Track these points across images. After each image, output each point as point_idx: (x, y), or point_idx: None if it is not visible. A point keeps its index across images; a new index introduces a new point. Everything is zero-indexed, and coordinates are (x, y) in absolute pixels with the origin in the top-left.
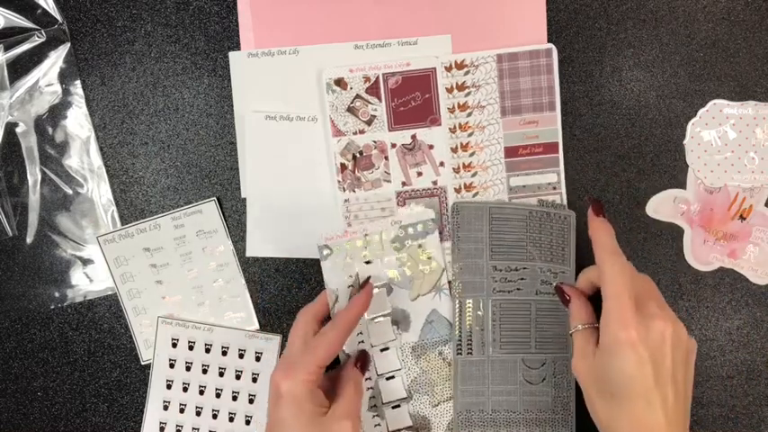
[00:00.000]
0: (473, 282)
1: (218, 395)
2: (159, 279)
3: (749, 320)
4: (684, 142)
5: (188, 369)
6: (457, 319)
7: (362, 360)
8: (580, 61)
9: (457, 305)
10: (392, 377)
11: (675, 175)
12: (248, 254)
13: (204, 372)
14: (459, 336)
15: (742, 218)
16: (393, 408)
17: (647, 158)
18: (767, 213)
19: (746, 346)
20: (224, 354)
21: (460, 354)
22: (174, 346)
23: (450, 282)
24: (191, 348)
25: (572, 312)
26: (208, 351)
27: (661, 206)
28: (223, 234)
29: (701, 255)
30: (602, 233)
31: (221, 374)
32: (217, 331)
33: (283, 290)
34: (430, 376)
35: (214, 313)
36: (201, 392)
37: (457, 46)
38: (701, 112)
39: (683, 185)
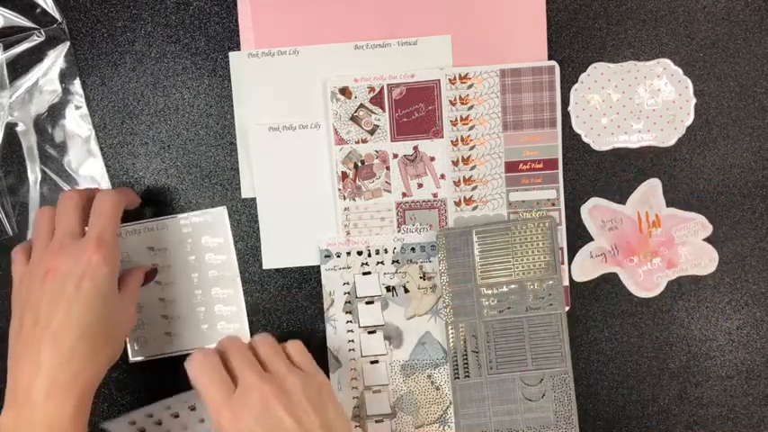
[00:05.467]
0: (464, 306)
1: None
2: (158, 280)
3: (749, 320)
4: (569, 109)
5: None
6: (451, 344)
7: (150, 274)
8: (580, 61)
9: (450, 330)
10: (378, 391)
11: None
12: (265, 266)
13: None
14: (455, 360)
15: (656, 228)
16: (376, 422)
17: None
18: (674, 212)
19: (746, 346)
20: None
21: (458, 378)
22: None
23: (444, 307)
24: None
25: None
26: None
27: (584, 266)
28: (230, 242)
29: (647, 282)
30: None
31: None
32: None
33: (283, 290)
34: (416, 397)
35: (208, 320)
36: None
37: (457, 47)
38: (582, 76)
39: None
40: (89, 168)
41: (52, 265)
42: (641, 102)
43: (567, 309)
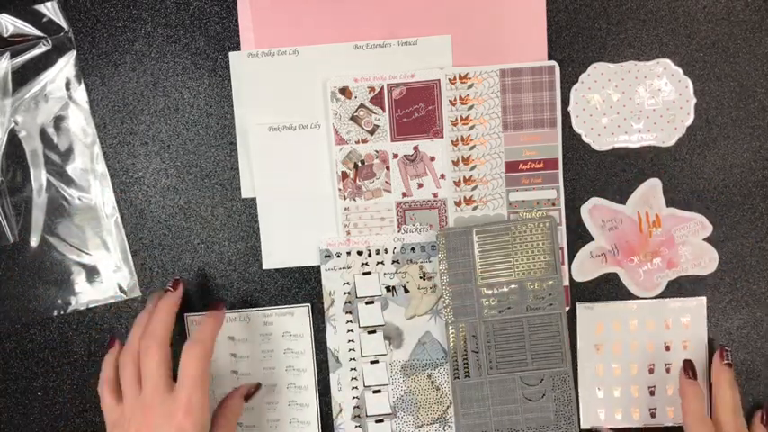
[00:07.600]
0: (464, 306)
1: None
2: (235, 369)
3: (749, 320)
4: (569, 109)
5: None
6: (451, 344)
7: (251, 392)
8: (580, 61)
9: (451, 330)
10: (378, 391)
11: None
12: (265, 266)
13: None
14: (455, 360)
15: (657, 228)
16: (376, 422)
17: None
18: (674, 212)
19: (746, 346)
20: None
21: (458, 378)
22: None
23: (444, 307)
24: None
25: None
26: None
27: (584, 266)
28: (308, 339)
29: (647, 282)
30: (690, 398)
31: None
32: None
33: (283, 290)
34: (416, 397)
35: (280, 414)
36: None
37: (457, 47)
38: (582, 76)
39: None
40: (93, 175)
41: (144, 425)
42: (641, 102)
43: (567, 309)
